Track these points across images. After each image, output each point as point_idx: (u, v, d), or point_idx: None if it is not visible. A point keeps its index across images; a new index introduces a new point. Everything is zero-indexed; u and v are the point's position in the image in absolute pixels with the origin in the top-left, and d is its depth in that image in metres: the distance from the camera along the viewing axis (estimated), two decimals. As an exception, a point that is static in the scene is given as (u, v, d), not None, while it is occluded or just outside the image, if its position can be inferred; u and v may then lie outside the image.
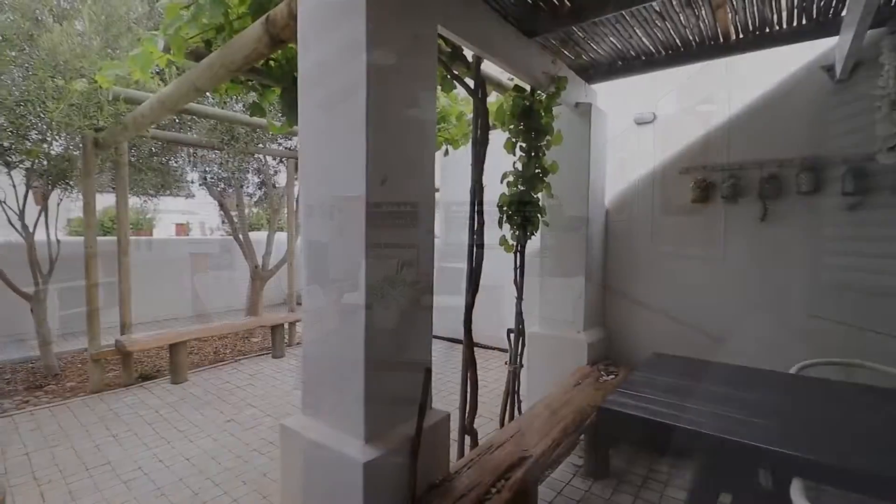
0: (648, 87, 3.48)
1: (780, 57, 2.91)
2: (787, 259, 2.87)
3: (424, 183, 1.76)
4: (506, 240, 2.96)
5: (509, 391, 3.06)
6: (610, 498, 2.55)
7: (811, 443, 1.37)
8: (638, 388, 1.88)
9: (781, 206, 2.88)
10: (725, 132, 3.12)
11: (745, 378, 2.05)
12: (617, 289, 3.61)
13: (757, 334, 2.97)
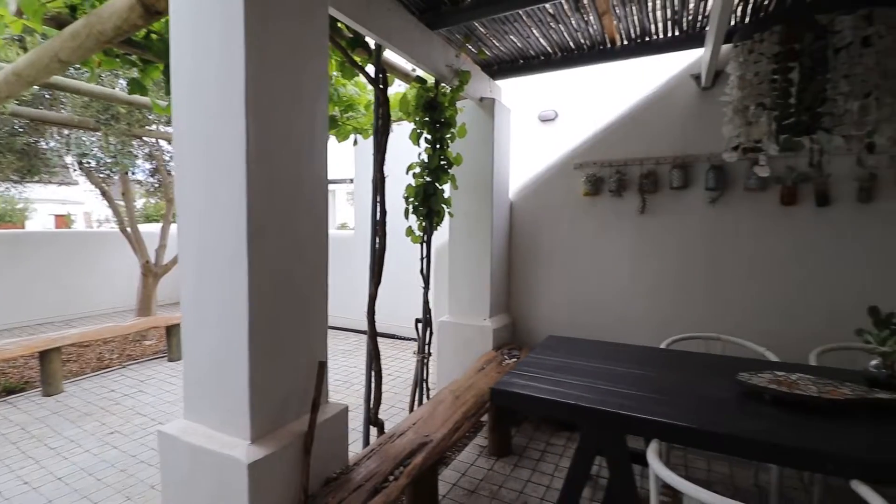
0: (555, 86, 3.68)
1: (659, 64, 3.23)
2: (663, 246, 3.22)
3: (315, 170, 1.71)
4: (412, 230, 2.99)
5: (418, 380, 3.12)
6: (510, 473, 2.70)
7: (668, 408, 1.55)
8: (529, 368, 2.00)
9: (658, 199, 3.21)
10: (613, 131, 3.40)
11: (625, 354, 2.26)
12: (520, 277, 3.81)
13: (638, 315, 3.31)
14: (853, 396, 1.50)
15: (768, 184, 2.85)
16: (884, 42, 1.39)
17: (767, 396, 1.61)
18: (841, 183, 2.72)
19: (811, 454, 1.26)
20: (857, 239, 2.70)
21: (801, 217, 2.82)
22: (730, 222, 3.00)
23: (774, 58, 1.51)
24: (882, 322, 1.62)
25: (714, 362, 2.10)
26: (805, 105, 1.44)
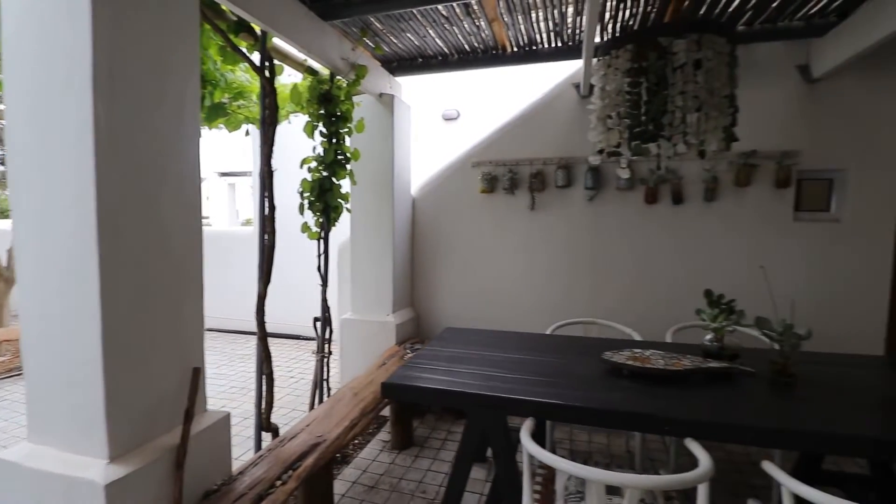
0: (458, 86, 3.76)
1: (547, 72, 3.47)
2: (550, 240, 3.48)
3: (185, 158, 1.58)
4: (308, 227, 2.89)
5: (317, 380, 3.03)
6: (411, 465, 2.75)
7: (544, 388, 1.69)
8: (423, 360, 2.05)
9: (546, 197, 3.47)
10: (507, 133, 3.59)
11: (515, 341, 2.40)
12: (424, 271, 3.87)
13: (531, 304, 3.55)
14: (691, 367, 1.76)
15: (634, 184, 3.22)
16: (710, 64, 1.65)
17: (625, 371, 1.82)
18: (692, 185, 3.16)
19: (652, 418, 1.46)
20: (703, 232, 3.16)
21: (660, 213, 3.23)
22: (605, 218, 3.35)
23: (627, 73, 1.71)
24: (714, 302, 1.92)
25: (589, 344, 2.32)
26: (650, 116, 1.65)
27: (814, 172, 3.03)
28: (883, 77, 2.85)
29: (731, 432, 1.45)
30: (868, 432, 1.42)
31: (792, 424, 1.45)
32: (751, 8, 2.67)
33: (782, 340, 1.74)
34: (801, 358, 2.02)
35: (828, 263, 3.01)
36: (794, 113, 3.00)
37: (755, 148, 2.98)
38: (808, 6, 2.64)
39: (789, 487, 1.15)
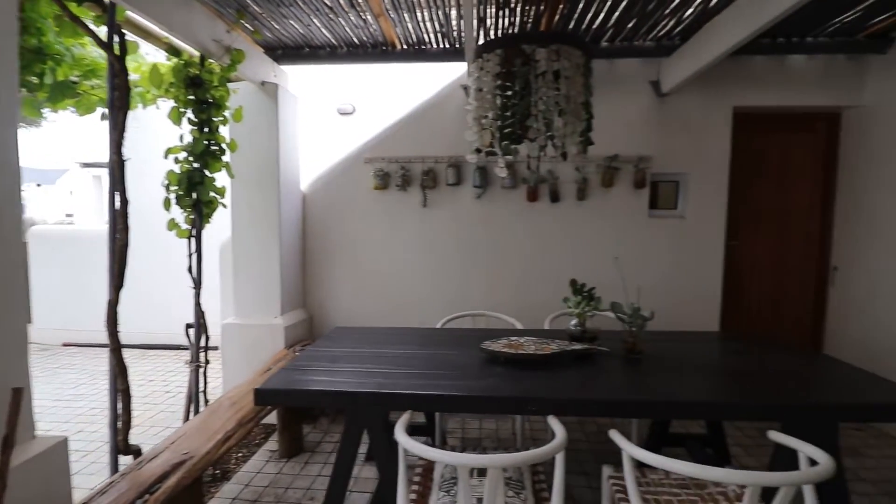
0: (355, 81, 3.65)
1: (438, 71, 3.52)
2: (442, 236, 3.57)
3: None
4: (177, 224, 2.62)
5: (192, 392, 2.77)
6: (299, 472, 2.63)
7: (426, 380, 1.72)
8: (304, 362, 1.97)
9: (437, 194, 3.54)
10: (400, 130, 3.59)
11: (406, 337, 2.42)
12: (316, 270, 3.73)
13: (425, 299, 3.60)
14: (557, 350, 1.92)
15: (518, 184, 3.43)
16: (568, 73, 1.80)
17: (501, 359, 1.93)
18: (566, 185, 3.45)
19: (518, 401, 1.56)
20: (577, 227, 3.48)
21: (541, 211, 3.48)
22: (492, 215, 3.52)
23: (496, 77, 1.81)
24: (577, 290, 2.11)
25: (474, 335, 2.41)
26: (517, 119, 1.76)
27: (664, 175, 3.48)
28: (712, 93, 3.36)
29: (585, 407, 1.61)
30: (702, 398, 1.66)
31: (637, 396, 1.64)
32: (611, 27, 2.98)
33: (631, 322, 1.97)
34: (649, 337, 2.30)
35: (675, 253, 3.48)
36: (648, 122, 3.42)
37: (617, 153, 3.34)
38: (657, 29, 3.02)
39: (628, 452, 1.30)
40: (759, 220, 3.60)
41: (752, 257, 3.62)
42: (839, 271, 3.47)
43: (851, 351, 3.33)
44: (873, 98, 3.22)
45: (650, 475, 1.65)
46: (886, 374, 2.94)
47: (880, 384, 1.71)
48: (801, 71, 3.33)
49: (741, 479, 1.05)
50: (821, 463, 1.17)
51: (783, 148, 3.55)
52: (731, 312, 3.60)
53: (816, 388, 1.71)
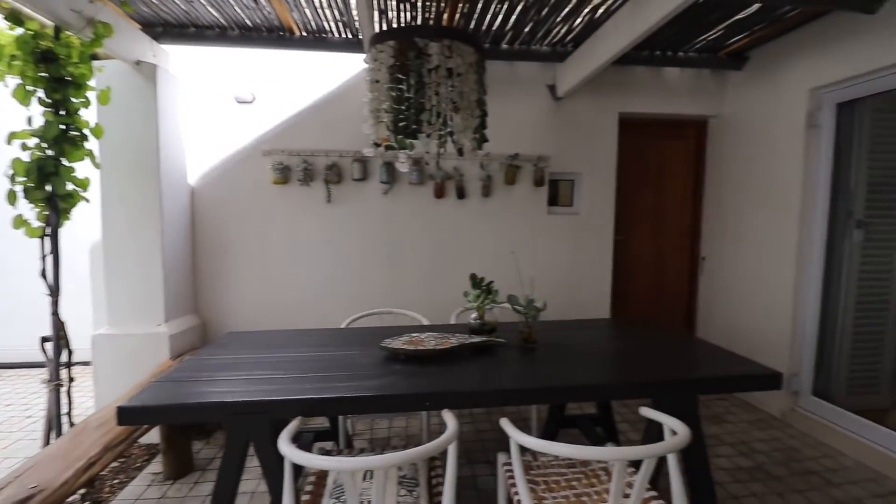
0: (255, 68, 3.37)
1: (343, 62, 3.39)
2: (349, 233, 3.46)
3: None
4: (25, 220, 2.24)
5: (51, 416, 2.39)
6: (188, 494, 2.40)
7: (321, 383, 1.63)
8: (184, 373, 1.78)
9: (342, 189, 3.42)
10: (302, 121, 3.41)
11: (306, 339, 2.29)
12: (210, 271, 3.42)
13: (330, 298, 3.47)
14: (456, 344, 1.94)
15: (425, 180, 3.43)
16: (460, 70, 1.81)
17: (402, 356, 1.90)
18: (472, 182, 3.52)
19: (414, 397, 1.55)
20: (482, 223, 3.56)
21: (448, 207, 3.52)
22: (400, 211, 3.48)
23: (391, 69, 1.77)
24: (476, 284, 2.15)
25: (378, 334, 2.36)
26: (412, 112, 1.74)
27: (560, 174, 3.70)
28: (601, 99, 3.64)
29: (481, 398, 1.64)
30: (585, 381, 1.75)
31: (526, 384, 1.70)
32: (510, 30, 3.09)
33: (526, 313, 2.05)
34: (546, 326, 2.43)
35: (572, 248, 3.72)
36: (546, 124, 3.60)
37: (518, 152, 3.48)
38: (552, 35, 3.18)
39: (514, 439, 1.34)
40: (642, 216, 3.97)
41: (637, 250, 3.99)
42: (707, 261, 3.95)
43: (719, 331, 3.80)
44: (730, 109, 3.70)
45: (541, 458, 1.73)
46: (747, 350, 3.41)
47: (733, 359, 1.94)
48: (674, 82, 3.72)
49: (609, 455, 1.13)
50: (679, 433, 1.29)
51: (661, 151, 3.95)
52: (620, 301, 3.93)
53: (681, 366, 1.90)
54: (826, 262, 3.00)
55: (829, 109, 2.92)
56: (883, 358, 3.03)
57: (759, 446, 2.82)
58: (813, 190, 3.03)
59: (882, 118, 2.87)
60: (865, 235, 2.92)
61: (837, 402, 2.96)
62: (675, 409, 1.72)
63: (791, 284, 3.11)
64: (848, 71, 2.72)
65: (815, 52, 2.92)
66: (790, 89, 3.10)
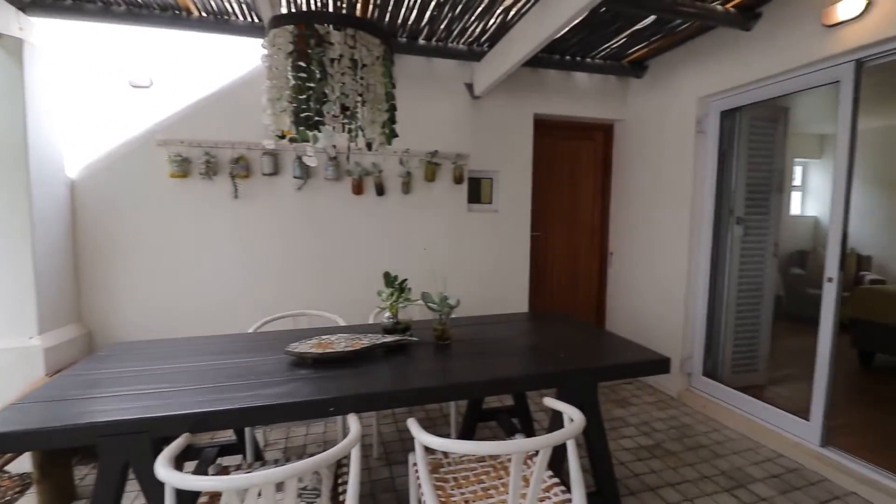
0: (155, 49, 3.02)
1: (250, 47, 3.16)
2: (259, 231, 3.25)
3: None
4: None
5: None
6: (65, 528, 2.11)
7: (214, 395, 1.50)
8: (53, 391, 1.55)
9: (252, 184, 3.21)
10: (204, 109, 3.14)
11: (203, 347, 2.10)
12: (96, 275, 3.05)
13: (239, 302, 3.25)
14: (367, 344, 1.88)
15: (341, 175, 3.31)
16: (366, 61, 1.75)
17: (309, 360, 1.81)
18: (392, 179, 3.46)
19: (317, 403, 1.47)
20: (402, 220, 3.52)
21: (367, 204, 3.43)
22: (316, 208, 3.34)
23: (290, 55, 1.67)
24: (389, 283, 2.11)
25: (288, 338, 2.23)
26: (312, 103, 1.65)
27: (479, 172, 3.76)
28: (517, 100, 3.74)
29: (390, 399, 1.60)
30: (498, 375, 1.77)
31: (440, 381, 1.69)
32: (425, 25, 3.06)
33: (439, 310, 2.04)
34: (464, 322, 2.44)
35: (491, 244, 3.80)
36: (465, 122, 3.64)
37: (437, 149, 3.48)
38: (467, 34, 3.21)
39: (418, 439, 1.32)
40: (557, 213, 4.15)
41: (553, 246, 4.17)
42: (614, 256, 4.22)
43: (625, 321, 4.08)
44: (632, 113, 3.97)
45: (452, 455, 1.73)
46: (649, 337, 3.68)
47: (631, 347, 2.08)
48: (584, 87, 3.93)
49: (506, 448, 1.14)
50: (575, 419, 1.34)
51: (573, 152, 4.16)
52: (537, 295, 4.08)
53: (584, 356, 2.00)
54: (712, 256, 3.32)
55: (714, 117, 3.24)
56: (759, 340, 3.42)
57: (659, 425, 3.06)
58: (701, 189, 3.34)
59: (757, 126, 3.23)
60: (744, 231, 3.28)
61: (724, 381, 3.30)
62: (578, 396, 1.80)
63: (684, 276, 3.41)
64: (729, 82, 3.02)
65: (702, 64, 3.21)
66: (682, 97, 3.39)
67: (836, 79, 2.44)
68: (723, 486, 2.38)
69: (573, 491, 1.39)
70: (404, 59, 3.41)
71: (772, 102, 3.02)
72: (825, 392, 2.54)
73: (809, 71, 2.57)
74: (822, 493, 2.32)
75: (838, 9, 2.31)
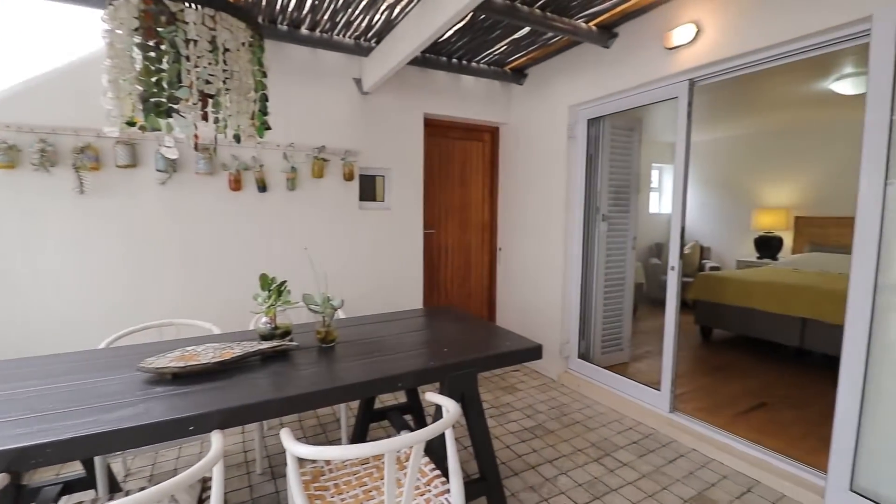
0: None
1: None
2: (114, 232, 2.84)
3: None
4: None
5: None
6: None
7: (42, 424, 1.27)
8: None
9: (104, 178, 2.79)
10: (38, 89, 2.64)
11: (39, 369, 1.77)
12: None
13: (89, 314, 2.81)
14: (240, 353, 1.75)
15: (216, 169, 3.03)
16: (229, 45, 1.61)
17: (168, 375, 1.62)
18: (275, 174, 3.26)
19: (175, 423, 1.32)
20: (288, 219, 3.34)
21: (248, 201, 3.19)
22: (186, 205, 3.01)
23: (135, 32, 1.47)
24: (266, 285, 1.98)
25: (146, 351, 1.99)
26: (164, 87, 1.48)
27: (371, 169, 3.71)
28: (407, 98, 3.76)
29: (262, 410, 1.50)
30: (381, 374, 1.73)
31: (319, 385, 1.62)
32: (307, 15, 2.93)
33: (322, 311, 1.97)
34: (355, 322, 2.39)
35: (384, 242, 3.77)
36: (355, 118, 3.56)
37: (324, 144, 3.36)
38: (353, 27, 3.13)
39: (289, 450, 1.25)
40: (450, 211, 4.26)
41: (446, 243, 4.27)
42: (503, 251, 4.46)
43: (513, 312, 4.33)
44: (515, 118, 4.23)
45: (333, 461, 1.68)
46: (534, 326, 3.94)
47: (509, 336, 2.20)
48: (471, 90, 4.08)
49: (376, 449, 1.13)
50: (450, 411, 1.38)
51: (464, 151, 4.30)
52: (431, 291, 4.16)
53: (465, 348, 2.07)
54: (583, 249, 3.67)
55: (582, 124, 3.57)
56: (623, 323, 3.86)
57: (541, 407, 3.30)
58: (573, 190, 3.66)
59: (617, 133, 3.63)
60: (608, 226, 3.67)
61: (595, 361, 3.67)
62: (460, 388, 1.86)
63: (560, 268, 3.72)
64: (593, 93, 3.35)
65: (572, 75, 3.52)
66: (556, 105, 3.69)
67: (675, 95, 2.83)
68: (592, 456, 2.64)
69: (451, 481, 1.43)
70: (286, 48, 3.23)
71: (629, 113, 3.42)
72: (672, 365, 2.95)
73: (655, 87, 2.96)
74: (670, 453, 2.69)
75: (674, 34, 2.69)
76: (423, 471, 1.62)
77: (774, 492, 2.32)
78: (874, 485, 1.99)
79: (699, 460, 2.61)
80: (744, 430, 2.74)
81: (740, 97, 4.79)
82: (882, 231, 1.92)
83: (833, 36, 2.12)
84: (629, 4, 2.81)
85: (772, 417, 3.00)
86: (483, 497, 1.99)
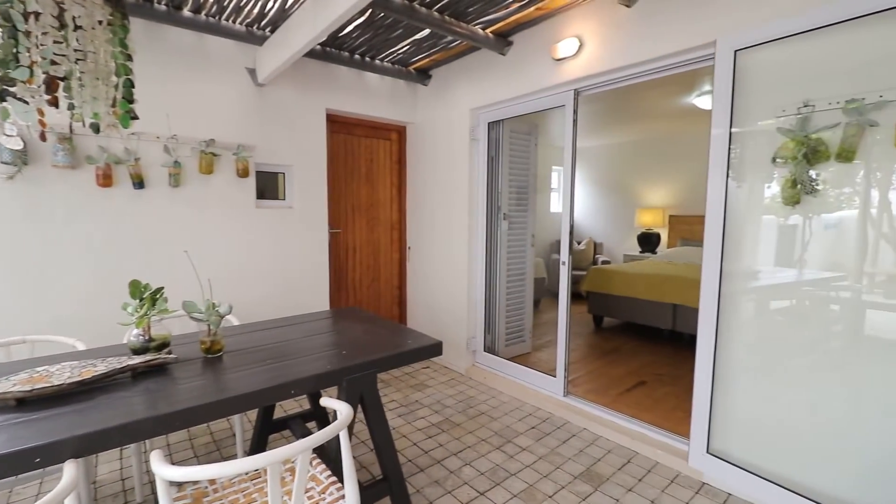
0: None
1: None
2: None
3: None
4: None
5: None
6: None
7: None
8: None
9: (-79, 171, 2.31)
10: None
11: None
12: None
13: None
14: (103, 371, 1.55)
15: (79, 162, 2.66)
16: (82, 23, 1.42)
17: (11, 401, 1.40)
18: (154, 168, 2.94)
19: (16, 457, 1.14)
20: (171, 219, 3.03)
21: (120, 199, 2.84)
22: (41, 204, 2.60)
23: (-51, -3, 1.24)
24: (137, 293, 1.78)
25: None
26: (-7, 66, 1.26)
27: (268, 166, 3.51)
28: (307, 93, 3.61)
29: (120, 435, 1.34)
30: (279, 380, 1.64)
31: (197, 400, 1.49)
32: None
33: (206, 319, 1.82)
34: (245, 329, 2.24)
35: (286, 242, 3.59)
36: (248, 111, 3.33)
37: (213, 137, 3.10)
38: (244, 13, 2.93)
39: (158, 475, 1.14)
40: (357, 209, 4.18)
41: (353, 242, 4.19)
42: (412, 250, 4.48)
43: (423, 310, 4.36)
44: (421, 118, 4.26)
45: (219, 479, 1.57)
46: (442, 323, 4.01)
47: (411, 334, 2.21)
48: (377, 88, 4.03)
49: (258, 463, 1.07)
50: (342, 415, 1.36)
51: (370, 149, 4.24)
52: (339, 292, 4.05)
53: (366, 349, 2.05)
54: (487, 247, 3.81)
55: (483, 127, 3.71)
56: (525, 315, 4.08)
57: (449, 402, 3.38)
58: (476, 190, 3.79)
59: (516, 137, 3.82)
60: (509, 225, 3.86)
61: (499, 353, 3.84)
62: (358, 390, 1.83)
63: (465, 265, 3.83)
64: (491, 98, 3.49)
65: (473, 79, 3.64)
66: (458, 107, 3.78)
67: (563, 103, 3.06)
68: (495, 444, 2.77)
69: (346, 486, 1.41)
70: (166, 31, 2.92)
71: (526, 118, 3.62)
72: (565, 352, 3.19)
73: (546, 95, 3.16)
74: (564, 434, 2.90)
75: (560, 47, 2.90)
76: (319, 479, 1.58)
77: (650, 460, 2.61)
78: (726, 447, 2.33)
79: (588, 438, 2.85)
80: (625, 407, 3.05)
81: (622, 107, 5.31)
82: (725, 226, 2.25)
83: (688, 57, 2.43)
84: (521, 15, 2.97)
85: (649, 394, 3.37)
86: (387, 497, 1.99)
